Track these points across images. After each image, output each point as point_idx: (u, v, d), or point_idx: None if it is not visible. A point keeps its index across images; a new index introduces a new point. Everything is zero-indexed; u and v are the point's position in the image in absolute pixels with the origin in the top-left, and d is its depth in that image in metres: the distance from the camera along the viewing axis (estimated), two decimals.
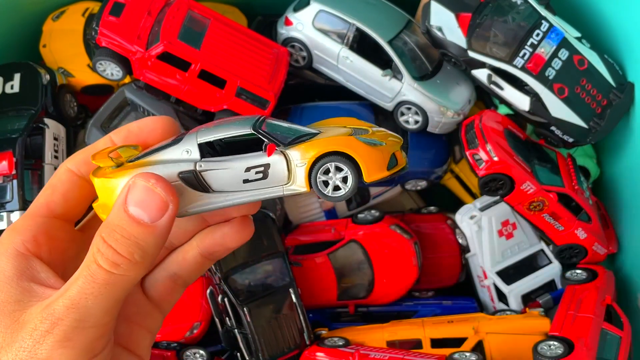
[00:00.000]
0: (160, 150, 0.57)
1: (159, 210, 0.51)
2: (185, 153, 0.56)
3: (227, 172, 0.56)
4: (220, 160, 0.56)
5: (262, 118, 0.58)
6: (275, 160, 0.55)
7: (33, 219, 0.56)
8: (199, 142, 0.56)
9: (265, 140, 0.55)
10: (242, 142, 0.58)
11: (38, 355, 0.48)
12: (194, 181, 0.56)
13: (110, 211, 0.52)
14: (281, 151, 0.55)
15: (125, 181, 0.53)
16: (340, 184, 0.56)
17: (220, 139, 0.58)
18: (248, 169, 0.56)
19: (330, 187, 0.56)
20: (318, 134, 0.58)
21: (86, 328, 0.49)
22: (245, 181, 0.56)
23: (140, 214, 0.50)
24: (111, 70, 1.49)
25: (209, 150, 0.57)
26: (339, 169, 0.55)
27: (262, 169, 0.56)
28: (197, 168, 0.55)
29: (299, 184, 0.56)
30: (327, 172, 0.56)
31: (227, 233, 0.59)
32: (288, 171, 0.56)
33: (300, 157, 0.55)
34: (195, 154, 0.56)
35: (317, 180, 0.56)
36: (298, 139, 0.56)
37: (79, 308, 0.49)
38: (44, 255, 0.55)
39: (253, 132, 0.56)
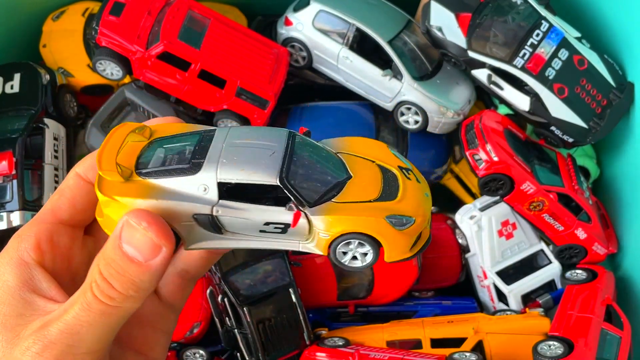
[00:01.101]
0: (174, 175, 0.52)
1: (151, 252, 0.50)
2: (202, 190, 0.52)
3: (244, 221, 0.53)
4: (239, 208, 0.52)
5: (291, 135, 0.55)
6: (298, 222, 0.53)
7: (38, 225, 0.56)
8: (218, 181, 0.51)
9: (291, 197, 0.52)
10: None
11: None
12: (208, 223, 0.53)
13: (113, 230, 0.51)
14: (305, 214, 0.52)
15: (131, 205, 0.51)
16: (359, 256, 0.56)
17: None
18: (267, 224, 0.53)
19: (348, 257, 0.56)
20: (347, 180, 0.55)
21: (77, 354, 0.50)
22: (262, 231, 0.54)
23: (133, 253, 0.50)
24: (111, 70, 1.48)
25: (226, 185, 0.53)
26: (361, 245, 0.55)
27: (282, 226, 0.53)
28: (214, 213, 0.52)
29: (317, 247, 0.54)
30: (348, 243, 0.55)
31: None
32: (309, 230, 0.53)
33: (324, 227, 0.53)
34: (213, 193, 0.52)
35: (337, 250, 0.55)
36: (325, 195, 0.53)
37: (72, 334, 0.49)
38: (47, 262, 0.55)
39: (279, 184, 0.52)
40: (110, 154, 0.52)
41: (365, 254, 0.56)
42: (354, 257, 0.56)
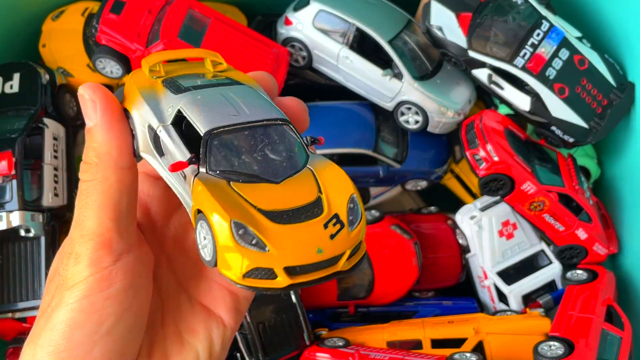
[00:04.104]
0: (170, 90, 0.54)
1: (93, 110, 0.53)
2: (168, 108, 0.53)
3: (171, 154, 0.52)
4: (171, 139, 0.52)
5: (277, 120, 0.52)
6: (188, 174, 0.51)
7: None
8: (178, 109, 0.52)
9: (201, 150, 0.50)
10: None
11: (62, 268, 0.53)
12: (152, 138, 0.54)
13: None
14: (193, 175, 0.50)
15: (139, 96, 0.55)
16: (207, 242, 0.49)
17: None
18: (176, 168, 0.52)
19: (200, 238, 0.50)
20: (272, 181, 0.50)
21: (86, 241, 0.52)
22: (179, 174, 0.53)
23: (87, 122, 0.54)
24: (111, 68, 1.49)
25: (181, 116, 0.53)
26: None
27: (183, 174, 0.52)
28: (157, 130, 0.53)
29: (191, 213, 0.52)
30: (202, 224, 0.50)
31: None
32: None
33: (193, 197, 0.50)
34: (170, 116, 0.52)
35: (197, 227, 0.50)
36: (229, 174, 0.49)
37: (78, 223, 0.53)
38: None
39: (202, 136, 0.50)
40: (158, 58, 0.57)
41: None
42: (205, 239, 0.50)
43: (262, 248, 0.46)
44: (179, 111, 0.52)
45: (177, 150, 0.51)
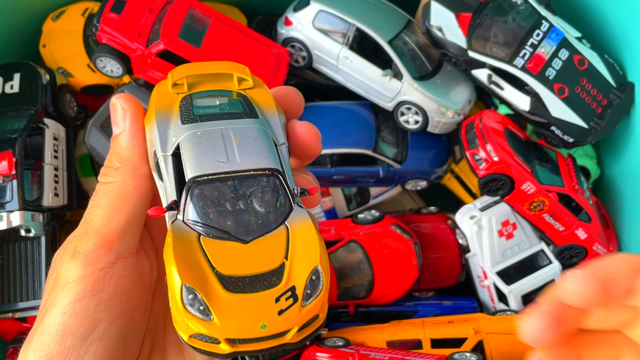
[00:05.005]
0: (185, 121, 0.54)
1: (122, 119, 0.56)
2: (172, 137, 0.53)
3: (165, 187, 0.53)
4: (167, 176, 0.52)
5: (272, 170, 0.52)
6: (166, 217, 0.53)
7: None
8: (179, 140, 0.52)
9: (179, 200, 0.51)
10: None
11: (56, 264, 0.53)
12: (156, 163, 0.54)
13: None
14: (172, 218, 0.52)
15: (154, 117, 0.56)
16: None
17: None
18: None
19: None
20: (242, 240, 0.50)
21: (89, 239, 0.52)
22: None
23: (115, 130, 0.57)
24: (111, 67, 1.49)
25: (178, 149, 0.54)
26: None
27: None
28: (158, 158, 0.53)
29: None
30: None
31: None
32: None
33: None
34: (172, 146, 0.53)
35: None
36: (204, 226, 0.50)
37: (86, 220, 0.54)
38: None
39: (189, 180, 0.51)
40: (184, 73, 0.58)
41: None
42: None
43: (207, 316, 0.46)
44: (178, 144, 0.53)
45: (169, 186, 0.52)
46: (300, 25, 1.54)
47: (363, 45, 1.54)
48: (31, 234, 1.36)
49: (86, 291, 0.51)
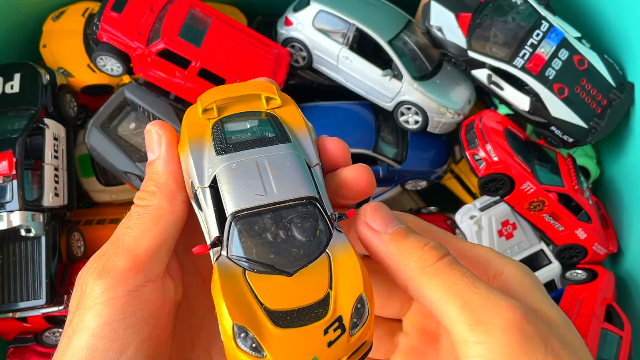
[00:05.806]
0: (219, 151, 0.53)
1: (157, 145, 0.57)
2: (208, 168, 0.53)
3: (205, 220, 0.53)
4: (207, 209, 0.52)
5: (308, 199, 0.51)
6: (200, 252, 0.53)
7: None
8: (215, 173, 0.52)
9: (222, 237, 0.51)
10: None
11: (81, 281, 0.53)
12: (194, 193, 0.54)
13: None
14: (215, 255, 0.52)
15: (187, 147, 0.56)
16: None
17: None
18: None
19: None
20: (285, 273, 0.49)
21: (119, 258, 0.52)
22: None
23: (150, 156, 0.58)
24: (111, 66, 1.49)
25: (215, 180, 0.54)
26: None
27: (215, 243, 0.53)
28: (196, 190, 0.53)
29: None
30: None
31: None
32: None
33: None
34: (209, 178, 0.52)
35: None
36: (245, 261, 0.50)
37: (117, 239, 0.54)
38: None
39: (229, 217, 0.50)
40: (213, 98, 0.57)
41: None
42: None
43: (260, 352, 0.46)
44: (215, 176, 0.53)
45: (209, 219, 0.52)
46: (300, 25, 1.54)
47: (363, 46, 1.54)
48: (31, 234, 1.36)
49: (115, 314, 0.50)
